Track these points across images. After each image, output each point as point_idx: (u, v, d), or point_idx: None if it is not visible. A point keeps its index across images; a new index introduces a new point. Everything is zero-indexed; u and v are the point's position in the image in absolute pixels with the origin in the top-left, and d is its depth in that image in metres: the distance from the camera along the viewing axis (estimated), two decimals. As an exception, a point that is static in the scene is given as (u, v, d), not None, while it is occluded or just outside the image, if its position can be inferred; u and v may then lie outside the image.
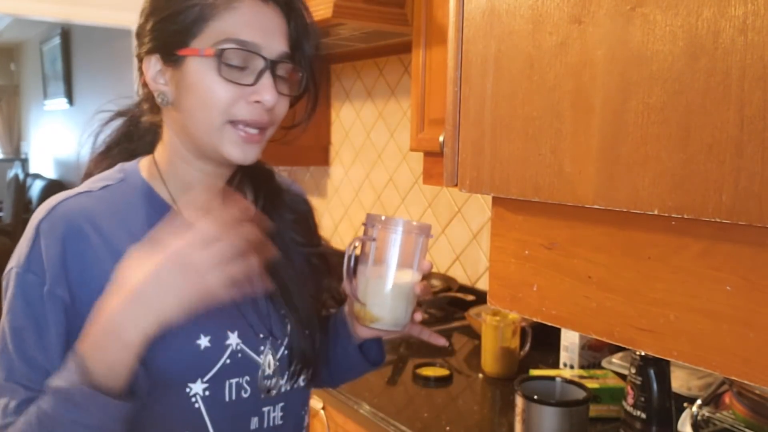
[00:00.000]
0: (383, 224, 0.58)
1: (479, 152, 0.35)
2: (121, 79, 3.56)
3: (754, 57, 0.25)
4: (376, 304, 0.59)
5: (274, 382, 0.60)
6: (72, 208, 0.56)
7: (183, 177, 0.60)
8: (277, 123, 0.58)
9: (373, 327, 0.59)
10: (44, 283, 0.53)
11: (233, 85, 0.54)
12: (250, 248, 0.49)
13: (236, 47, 0.54)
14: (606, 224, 0.31)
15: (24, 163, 5.81)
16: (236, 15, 0.54)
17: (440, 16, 1.05)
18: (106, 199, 0.58)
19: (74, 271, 0.54)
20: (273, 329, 0.60)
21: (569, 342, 1.14)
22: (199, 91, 0.55)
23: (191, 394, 0.56)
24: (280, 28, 0.55)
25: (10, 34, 5.48)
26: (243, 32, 0.54)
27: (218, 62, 0.54)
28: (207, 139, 0.56)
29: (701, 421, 0.75)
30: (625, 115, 0.29)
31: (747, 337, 0.27)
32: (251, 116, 0.54)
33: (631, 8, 0.29)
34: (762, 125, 0.25)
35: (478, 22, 0.35)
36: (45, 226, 0.54)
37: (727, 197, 0.26)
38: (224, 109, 0.54)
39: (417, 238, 0.59)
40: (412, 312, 0.60)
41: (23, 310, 0.54)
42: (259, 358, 0.59)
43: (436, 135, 1.05)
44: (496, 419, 0.97)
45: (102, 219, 0.56)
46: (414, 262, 0.59)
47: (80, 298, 0.54)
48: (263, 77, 0.54)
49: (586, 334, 0.33)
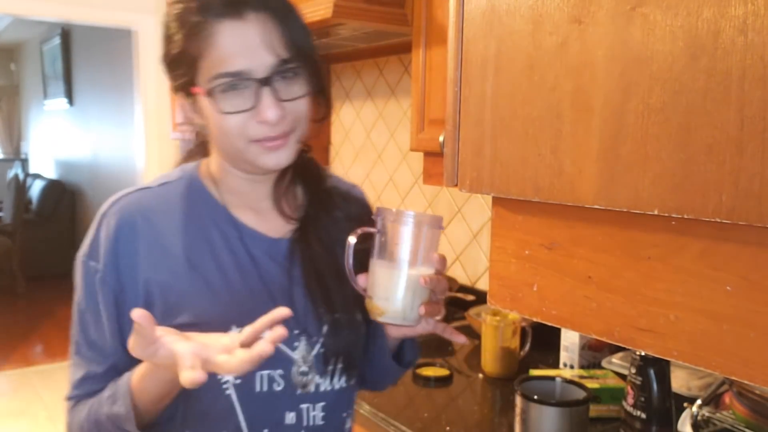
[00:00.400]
0: (392, 216, 0.57)
1: (479, 152, 0.35)
2: (121, 79, 3.56)
3: (754, 57, 0.25)
4: (381, 296, 0.58)
5: (309, 379, 0.61)
6: (130, 203, 0.61)
7: (231, 183, 0.64)
8: (301, 123, 0.59)
9: (381, 320, 0.59)
10: (99, 270, 0.59)
11: (237, 114, 0.56)
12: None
13: (225, 80, 0.55)
14: (606, 224, 0.31)
15: (24, 163, 5.81)
16: (216, 48, 0.55)
17: (440, 16, 1.05)
18: (162, 196, 0.62)
19: (124, 261, 0.59)
20: (308, 326, 0.61)
21: (569, 342, 1.14)
22: (214, 124, 0.58)
23: (222, 381, 0.58)
24: (263, 40, 0.55)
25: (11, 34, 5.48)
26: (226, 64, 0.55)
27: (214, 100, 0.56)
28: (240, 157, 0.60)
29: (701, 421, 0.75)
30: (625, 116, 0.29)
31: (747, 337, 0.27)
32: (264, 134, 0.57)
33: (632, 8, 0.29)
34: (762, 125, 0.25)
35: (478, 22, 0.35)
36: (105, 218, 0.60)
37: (727, 197, 0.26)
38: (239, 134, 0.57)
39: (425, 230, 0.57)
40: (419, 305, 0.58)
41: (86, 294, 0.60)
42: (293, 353, 0.60)
43: (436, 135, 1.05)
44: (496, 419, 0.97)
45: (155, 214, 0.61)
46: (420, 254, 0.57)
47: (128, 287, 0.59)
48: (261, 97, 0.55)
49: (587, 334, 0.33)
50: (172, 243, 0.59)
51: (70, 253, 3.59)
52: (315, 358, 0.61)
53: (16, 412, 2.70)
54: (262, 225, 0.63)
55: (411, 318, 0.58)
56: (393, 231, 0.57)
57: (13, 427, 2.58)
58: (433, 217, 0.58)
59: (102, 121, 4.14)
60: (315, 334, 0.61)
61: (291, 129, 0.58)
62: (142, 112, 2.97)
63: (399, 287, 0.57)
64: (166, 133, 2.64)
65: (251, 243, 0.62)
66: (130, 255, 0.58)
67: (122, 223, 0.59)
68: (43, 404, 2.78)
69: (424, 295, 0.58)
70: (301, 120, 0.59)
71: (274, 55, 0.55)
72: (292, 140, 0.58)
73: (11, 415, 2.67)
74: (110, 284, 0.58)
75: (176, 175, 0.65)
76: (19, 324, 3.84)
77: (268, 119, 0.55)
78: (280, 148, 0.57)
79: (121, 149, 3.80)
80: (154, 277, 0.58)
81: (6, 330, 3.72)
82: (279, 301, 0.59)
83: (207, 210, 0.62)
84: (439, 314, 0.59)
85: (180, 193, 0.62)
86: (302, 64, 0.58)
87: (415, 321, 0.59)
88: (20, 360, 3.25)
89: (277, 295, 0.60)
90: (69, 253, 4.32)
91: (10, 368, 3.15)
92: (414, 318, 0.58)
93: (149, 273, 0.58)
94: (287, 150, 0.58)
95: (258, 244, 0.62)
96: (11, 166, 5.29)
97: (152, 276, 0.58)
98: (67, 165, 5.06)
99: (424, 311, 0.57)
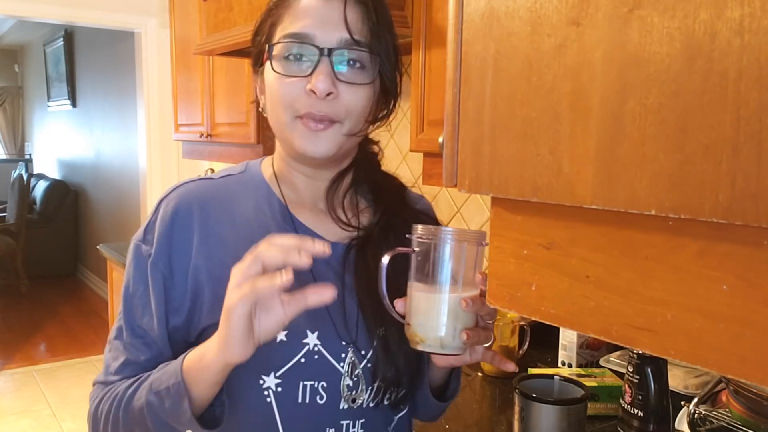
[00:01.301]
0: (429, 233, 0.52)
1: (478, 153, 0.35)
2: (124, 81, 3.57)
3: (750, 59, 0.25)
4: (419, 323, 0.52)
5: (354, 394, 0.58)
6: (189, 191, 0.60)
7: (289, 176, 0.62)
8: (354, 116, 0.56)
9: (420, 349, 0.52)
10: (151, 254, 0.58)
11: (290, 79, 0.54)
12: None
13: (289, 41, 0.54)
14: (604, 224, 0.32)
15: (28, 164, 5.84)
16: (293, 13, 0.55)
17: (440, 18, 1.05)
18: (222, 187, 0.61)
19: (177, 247, 0.58)
20: (358, 338, 0.58)
21: (567, 341, 1.14)
22: (269, 92, 0.57)
23: (264, 387, 0.56)
24: (341, 17, 0.54)
25: (14, 36, 5.51)
26: (294, 25, 0.54)
27: (272, 59, 0.55)
28: (285, 137, 0.58)
29: (698, 419, 0.76)
30: (622, 117, 0.29)
31: (743, 336, 0.27)
32: (310, 107, 0.54)
33: (629, 10, 0.29)
34: (758, 126, 0.25)
35: (477, 24, 0.35)
36: (163, 203, 0.59)
37: (723, 197, 0.26)
38: (288, 105, 0.55)
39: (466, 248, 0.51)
40: (461, 331, 0.51)
41: (136, 278, 0.59)
42: (340, 366, 0.57)
43: (435, 136, 1.05)
44: (495, 417, 0.97)
45: (214, 204, 0.60)
46: (460, 274, 0.52)
47: (177, 273, 0.57)
48: (318, 66, 0.53)
49: (584, 333, 0.33)
50: (227, 235, 0.58)
51: (73, 252, 3.64)
52: (362, 372, 0.58)
53: (20, 411, 2.71)
54: (319, 227, 0.61)
55: (452, 346, 0.52)
56: (430, 250, 0.52)
57: (16, 425, 2.60)
58: (476, 233, 0.52)
59: (105, 123, 4.15)
60: (364, 347, 0.58)
61: (339, 117, 0.54)
62: (144, 114, 2.98)
63: (438, 312, 0.51)
64: (168, 134, 2.65)
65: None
66: (183, 242, 0.57)
67: (179, 209, 0.58)
68: (46, 403, 2.79)
69: (468, 321, 0.52)
70: (354, 112, 0.55)
71: (346, 32, 0.53)
72: (337, 130, 0.55)
73: (15, 414, 2.68)
74: (160, 268, 0.57)
75: (239, 168, 0.64)
76: (22, 323, 3.86)
77: (317, 88, 0.52)
78: (321, 132, 0.54)
79: (124, 150, 3.81)
80: (205, 267, 0.57)
81: (9, 329, 3.73)
82: (330, 306, 0.55)
83: (266, 205, 0.60)
84: (487, 341, 0.54)
85: (241, 186, 0.61)
86: (374, 53, 0.55)
87: (457, 349, 0.52)
88: (24, 359, 3.27)
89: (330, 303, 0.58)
90: (72, 252, 4.37)
91: (13, 367, 3.16)
92: (456, 346, 0.52)
93: (201, 261, 0.57)
94: (329, 139, 0.55)
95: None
96: (15, 166, 5.32)
97: (204, 265, 0.57)
98: (70, 165, 5.08)
99: (467, 338, 0.51)
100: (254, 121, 1.76)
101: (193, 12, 1.99)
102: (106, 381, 0.59)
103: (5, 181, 4.97)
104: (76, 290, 4.56)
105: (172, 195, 0.59)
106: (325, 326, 0.57)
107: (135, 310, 0.58)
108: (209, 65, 2.00)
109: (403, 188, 0.67)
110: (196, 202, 0.59)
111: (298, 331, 0.56)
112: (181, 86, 2.23)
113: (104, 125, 4.15)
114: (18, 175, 4.49)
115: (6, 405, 2.75)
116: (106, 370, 0.59)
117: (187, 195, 0.59)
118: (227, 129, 1.94)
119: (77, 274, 4.87)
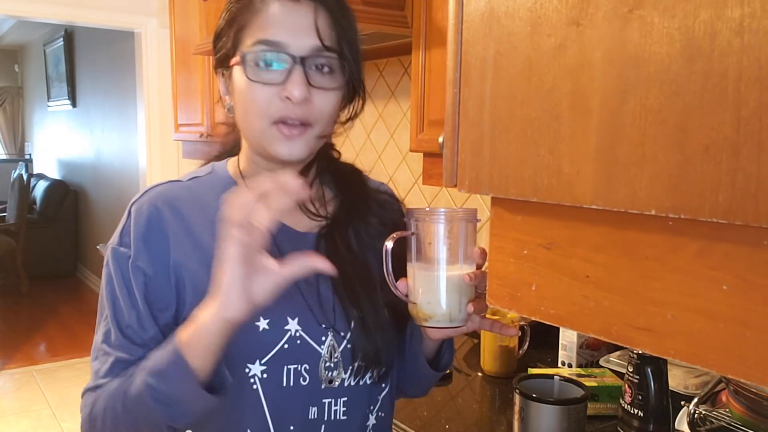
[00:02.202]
0: (424, 216, 0.55)
1: (478, 153, 0.35)
2: (124, 81, 3.57)
3: (750, 59, 0.25)
4: (426, 300, 0.55)
5: (335, 374, 0.60)
6: (159, 193, 0.61)
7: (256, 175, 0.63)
8: (325, 119, 0.58)
9: (428, 325, 0.56)
10: (131, 256, 0.58)
11: (264, 86, 0.55)
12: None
13: (260, 49, 0.55)
14: (604, 224, 0.32)
15: (28, 164, 5.84)
16: (263, 18, 0.56)
17: (440, 18, 1.05)
18: (191, 189, 0.63)
19: (153, 247, 0.59)
20: (336, 322, 0.60)
21: (567, 341, 1.14)
22: (241, 97, 0.58)
23: (250, 375, 0.58)
24: (310, 24, 0.55)
25: (14, 36, 5.51)
26: (267, 32, 0.55)
27: (244, 65, 0.56)
28: (258, 141, 0.59)
29: (698, 419, 0.76)
30: (622, 117, 0.29)
31: (743, 336, 0.27)
32: (285, 112, 0.56)
33: (629, 10, 0.29)
34: (758, 126, 0.25)
35: (477, 25, 0.35)
36: (135, 207, 0.60)
37: (723, 198, 0.26)
38: (263, 111, 0.56)
39: (461, 225, 0.54)
40: (467, 304, 0.55)
41: (117, 281, 0.59)
42: (320, 348, 0.60)
43: (435, 136, 1.05)
44: (495, 417, 0.97)
45: (183, 205, 0.61)
46: (459, 251, 0.55)
47: (158, 272, 0.58)
48: (292, 73, 0.55)
49: (585, 333, 0.33)
50: (201, 235, 0.59)
51: (73, 252, 3.64)
52: (341, 354, 0.60)
53: (20, 411, 2.71)
54: (288, 219, 0.63)
55: (459, 318, 0.55)
56: (427, 231, 0.55)
57: (16, 425, 2.60)
58: (466, 210, 0.56)
59: (105, 123, 4.15)
60: (342, 329, 0.60)
61: (312, 121, 0.57)
62: (144, 114, 2.98)
63: (442, 289, 0.55)
64: (168, 134, 2.65)
65: (278, 236, 0.60)
66: (160, 241, 0.58)
67: (152, 210, 0.59)
68: (46, 403, 2.78)
69: (470, 293, 0.55)
70: (325, 115, 0.58)
71: (317, 39, 0.55)
72: (311, 134, 0.57)
73: (15, 414, 2.68)
74: (141, 269, 0.58)
75: (206, 170, 0.65)
76: (22, 323, 3.86)
77: (293, 95, 0.54)
78: (296, 138, 0.56)
79: (124, 150, 3.81)
80: (184, 264, 0.58)
81: (9, 329, 3.73)
82: (306, 294, 0.59)
83: None
84: (485, 310, 0.57)
85: (209, 186, 0.63)
86: (343, 59, 0.57)
87: (463, 321, 0.56)
88: (24, 359, 3.27)
89: (304, 289, 0.60)
90: (72, 252, 4.36)
91: (13, 367, 3.16)
92: (462, 318, 0.56)
93: (179, 258, 0.58)
94: (303, 143, 0.57)
95: (285, 238, 0.61)
96: (15, 166, 5.32)
97: (183, 262, 0.58)
98: (70, 165, 5.08)
99: (473, 309, 0.55)
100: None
101: (193, 12, 1.99)
102: (97, 385, 0.58)
103: (5, 181, 4.97)
104: (76, 290, 4.56)
105: (143, 198, 0.61)
106: (305, 312, 0.59)
107: (121, 311, 0.59)
108: (209, 65, 2.00)
109: (362, 175, 0.70)
110: (168, 203, 0.60)
111: (279, 320, 0.58)
112: (181, 86, 2.23)
113: (104, 125, 4.15)
114: (18, 175, 4.49)
115: (6, 405, 2.75)
116: (95, 375, 0.59)
117: (159, 197, 0.60)
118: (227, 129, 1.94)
119: (77, 274, 4.87)
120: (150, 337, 0.58)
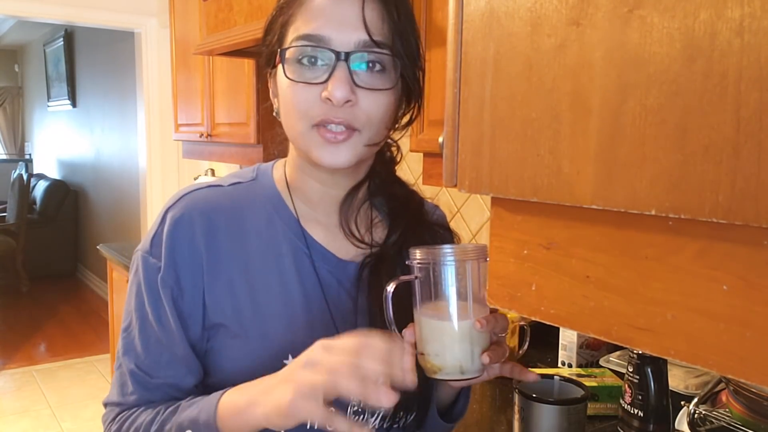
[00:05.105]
0: (428, 256, 0.49)
1: (478, 153, 0.35)
2: (124, 81, 3.57)
3: (750, 59, 0.25)
4: (435, 352, 0.49)
5: (362, 419, 0.56)
6: (196, 201, 0.56)
7: (302, 185, 0.58)
8: (375, 124, 0.52)
9: (439, 378, 0.50)
10: (161, 268, 0.53)
11: (305, 86, 0.50)
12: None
13: (301, 44, 0.50)
14: (604, 224, 0.32)
15: (28, 164, 5.84)
16: (307, 11, 0.50)
17: (440, 18, 1.05)
18: (231, 196, 0.57)
19: (184, 265, 0.54)
20: None
21: (567, 341, 1.14)
22: (282, 98, 0.53)
23: None
24: (358, 15, 0.49)
25: (14, 36, 5.50)
26: (308, 25, 0.50)
27: (285, 63, 0.51)
28: (301, 146, 0.53)
29: (698, 419, 0.76)
30: (622, 117, 0.29)
31: (743, 336, 0.27)
32: (326, 115, 0.50)
33: (629, 10, 0.29)
34: (758, 126, 0.25)
35: (477, 25, 0.35)
36: (170, 215, 0.55)
37: (723, 198, 0.26)
38: (304, 113, 0.51)
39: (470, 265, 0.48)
40: (480, 353, 0.49)
41: (147, 293, 0.54)
42: None
43: (435, 136, 1.05)
44: (495, 417, 0.97)
45: (221, 216, 0.55)
46: (469, 294, 0.48)
47: (186, 291, 0.54)
48: (335, 71, 0.49)
49: (584, 333, 0.33)
50: (237, 250, 0.54)
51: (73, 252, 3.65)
52: None
53: (20, 411, 2.71)
54: (331, 244, 0.58)
55: (473, 370, 0.49)
56: (433, 274, 0.48)
57: (16, 425, 2.60)
58: (477, 247, 0.49)
59: (105, 123, 4.15)
60: None
61: (359, 126, 0.50)
62: (144, 114, 2.98)
63: (453, 339, 0.48)
64: (168, 134, 2.65)
65: (319, 262, 0.56)
66: (191, 259, 0.53)
67: (187, 222, 0.54)
68: (46, 403, 2.79)
69: (484, 341, 0.49)
70: (374, 119, 0.51)
71: (364, 33, 0.49)
72: (357, 140, 0.51)
73: (15, 414, 2.68)
74: (169, 285, 0.53)
75: (249, 175, 0.59)
76: (22, 323, 3.86)
77: (333, 96, 0.48)
78: (340, 143, 0.50)
79: (124, 150, 3.81)
80: (215, 284, 0.53)
81: (10, 329, 3.73)
82: (341, 329, 0.53)
83: (278, 219, 0.56)
84: (504, 356, 0.51)
85: (252, 195, 0.57)
86: (395, 55, 0.51)
87: (478, 372, 0.50)
88: (24, 359, 3.27)
89: (339, 322, 0.55)
90: (72, 252, 4.37)
91: (13, 367, 3.17)
92: (477, 369, 0.50)
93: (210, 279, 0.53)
94: (349, 149, 0.51)
95: (326, 265, 0.56)
96: (15, 166, 5.32)
97: (213, 282, 0.53)
98: (70, 165, 5.08)
99: (488, 360, 0.49)
100: (254, 121, 1.76)
101: (193, 12, 1.99)
102: (122, 403, 0.55)
103: (5, 181, 4.97)
104: (76, 290, 4.56)
105: (179, 205, 0.56)
106: None
107: (149, 323, 0.55)
108: (209, 65, 2.00)
109: (422, 202, 0.62)
110: (205, 214, 0.55)
111: None
112: (181, 86, 2.23)
113: (104, 125, 4.15)
114: (18, 175, 4.49)
115: (6, 405, 2.75)
116: (121, 390, 0.55)
117: (195, 207, 0.55)
118: (227, 129, 1.94)
119: (77, 274, 4.87)
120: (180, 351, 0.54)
